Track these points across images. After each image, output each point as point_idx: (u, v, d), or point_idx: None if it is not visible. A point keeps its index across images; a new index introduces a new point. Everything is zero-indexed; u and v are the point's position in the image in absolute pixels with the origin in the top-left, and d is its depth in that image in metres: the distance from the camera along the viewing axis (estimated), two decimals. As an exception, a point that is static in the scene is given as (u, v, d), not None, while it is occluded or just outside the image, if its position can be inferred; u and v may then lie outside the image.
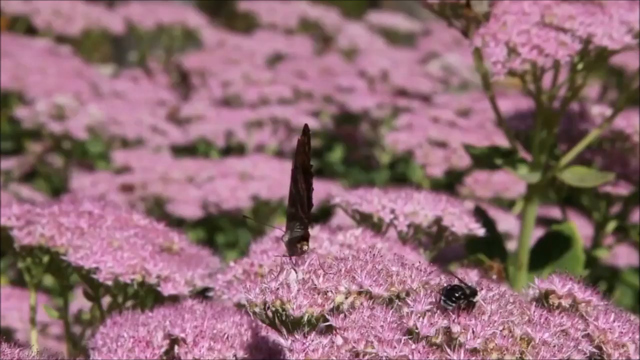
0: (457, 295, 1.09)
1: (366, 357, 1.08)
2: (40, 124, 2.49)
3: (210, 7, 3.91)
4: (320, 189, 2.26)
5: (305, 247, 1.22)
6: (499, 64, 1.50)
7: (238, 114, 2.59)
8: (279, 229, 1.30)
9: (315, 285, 1.15)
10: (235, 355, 1.26)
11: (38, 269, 1.42)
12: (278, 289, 1.15)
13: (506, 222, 2.10)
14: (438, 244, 1.52)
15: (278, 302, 1.15)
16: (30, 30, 3.19)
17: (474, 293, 1.11)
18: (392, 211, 1.50)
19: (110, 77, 2.97)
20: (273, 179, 2.20)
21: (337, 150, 2.72)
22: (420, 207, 1.49)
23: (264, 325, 1.32)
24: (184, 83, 2.72)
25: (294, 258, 1.21)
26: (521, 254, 1.65)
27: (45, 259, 1.42)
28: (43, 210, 1.41)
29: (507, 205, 2.27)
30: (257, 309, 1.16)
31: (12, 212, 1.41)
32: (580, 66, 1.51)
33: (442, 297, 1.09)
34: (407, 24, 3.57)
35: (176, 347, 1.26)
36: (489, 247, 1.65)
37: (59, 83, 2.63)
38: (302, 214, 1.22)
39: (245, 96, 2.73)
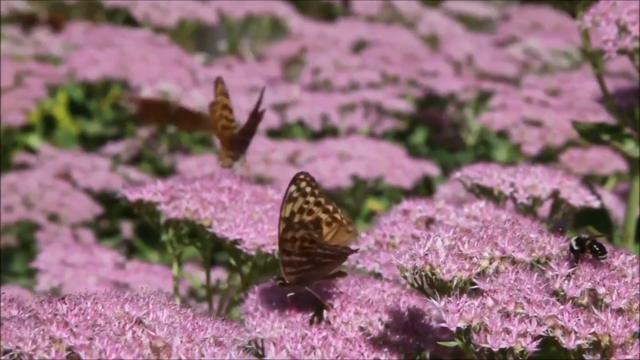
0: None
1: (517, 318, 1.15)
2: (147, 110, 2.60)
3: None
4: (416, 169, 2.36)
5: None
6: (610, 43, 1.56)
7: (332, 98, 2.68)
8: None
9: (461, 251, 1.23)
10: (380, 319, 1.33)
11: (181, 241, 1.50)
12: (427, 254, 1.22)
13: (603, 197, 2.16)
14: (554, 216, 1.60)
15: (428, 267, 1.22)
16: (128, 21, 3.30)
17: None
18: (512, 184, 1.57)
19: (202, 65, 3.07)
20: (370, 158, 2.28)
21: (420, 133, 2.80)
22: (539, 181, 1.56)
23: (403, 291, 1.40)
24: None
25: None
26: (628, 225, 1.72)
27: (186, 231, 1.50)
28: (185, 186, 1.49)
29: (599, 182, 2.33)
30: (407, 274, 1.23)
31: (158, 188, 1.49)
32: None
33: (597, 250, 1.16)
34: (484, 10, 3.65)
35: (324, 312, 1.32)
36: (595, 219, 1.72)
37: (160, 70, 2.73)
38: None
39: (336, 81, 2.81)
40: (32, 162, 2.72)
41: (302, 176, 1.30)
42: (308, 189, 1.31)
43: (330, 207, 1.32)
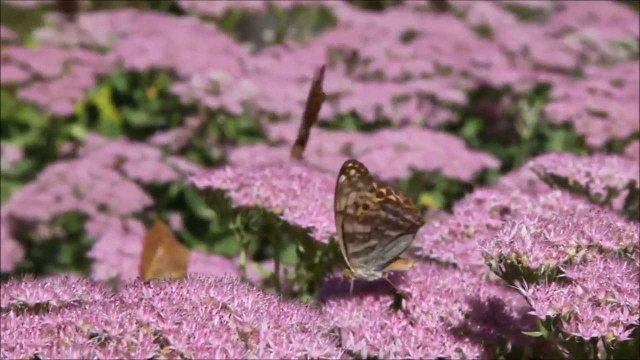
0: None
1: (608, 306, 1.12)
2: (196, 99, 2.57)
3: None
4: (474, 160, 2.33)
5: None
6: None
7: (384, 89, 2.64)
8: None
9: (547, 239, 1.19)
10: (460, 309, 1.30)
11: (250, 229, 1.47)
12: (512, 242, 1.19)
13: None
14: (629, 207, 1.56)
15: (514, 255, 1.19)
16: (172, 10, 3.29)
17: None
18: (588, 174, 1.54)
19: (250, 54, 3.04)
20: (427, 150, 2.25)
21: (471, 125, 2.77)
22: (615, 171, 1.53)
23: (482, 281, 1.37)
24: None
25: None
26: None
27: (256, 219, 1.46)
28: (255, 173, 1.46)
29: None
30: (492, 262, 1.21)
31: (227, 175, 1.45)
32: None
33: None
34: (537, 1, 3.61)
35: (403, 302, 1.30)
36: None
37: (209, 59, 2.70)
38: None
39: (388, 72, 2.78)
40: (79, 152, 2.70)
41: (350, 164, 1.28)
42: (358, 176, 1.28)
43: (384, 190, 1.29)
